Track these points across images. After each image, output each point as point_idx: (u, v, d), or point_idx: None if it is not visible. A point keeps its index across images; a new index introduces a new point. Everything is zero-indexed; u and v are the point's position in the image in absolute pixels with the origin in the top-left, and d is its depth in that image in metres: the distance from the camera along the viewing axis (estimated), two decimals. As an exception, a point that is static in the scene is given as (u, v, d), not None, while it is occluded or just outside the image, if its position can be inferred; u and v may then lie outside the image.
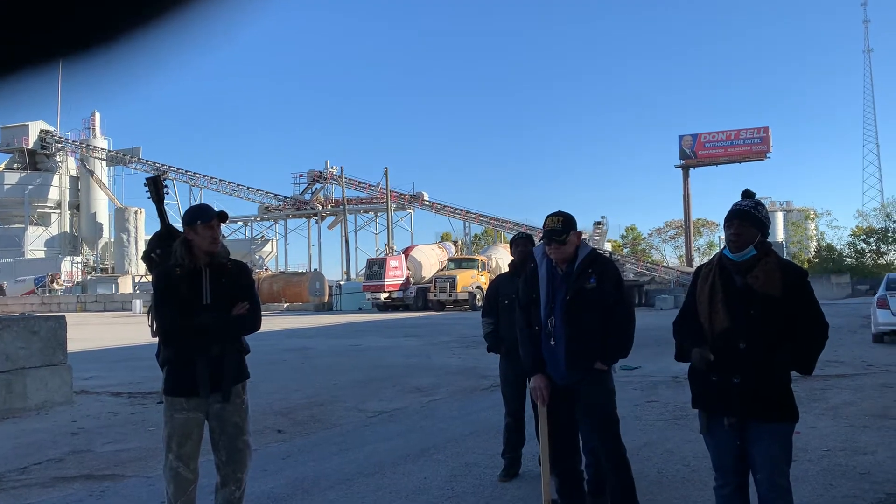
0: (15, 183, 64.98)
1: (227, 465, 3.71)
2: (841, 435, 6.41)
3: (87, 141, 66.10)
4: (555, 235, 3.87)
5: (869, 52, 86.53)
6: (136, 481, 5.42)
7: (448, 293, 37.45)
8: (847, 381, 9.69)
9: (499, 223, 56.15)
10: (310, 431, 7.22)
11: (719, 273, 3.20)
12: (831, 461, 5.49)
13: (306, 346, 17.46)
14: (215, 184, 62.53)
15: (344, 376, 11.45)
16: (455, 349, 15.78)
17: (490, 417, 7.13)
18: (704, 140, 51.27)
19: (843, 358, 12.11)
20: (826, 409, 7.61)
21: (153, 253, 5.07)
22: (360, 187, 60.27)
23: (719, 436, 3.21)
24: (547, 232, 3.89)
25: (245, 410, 3.78)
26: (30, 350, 8.48)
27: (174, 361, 3.65)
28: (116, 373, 12.18)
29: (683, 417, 6.85)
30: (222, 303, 3.64)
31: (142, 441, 6.76)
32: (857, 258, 54.86)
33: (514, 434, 5.37)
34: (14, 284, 55.62)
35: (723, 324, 3.13)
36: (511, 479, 5.21)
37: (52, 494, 5.10)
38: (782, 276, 3.09)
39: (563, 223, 3.90)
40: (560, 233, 3.87)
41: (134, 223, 61.24)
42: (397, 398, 9.18)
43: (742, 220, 3.12)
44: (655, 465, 5.46)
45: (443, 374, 11.56)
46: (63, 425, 7.68)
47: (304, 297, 45.09)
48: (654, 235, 73.83)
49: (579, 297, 3.87)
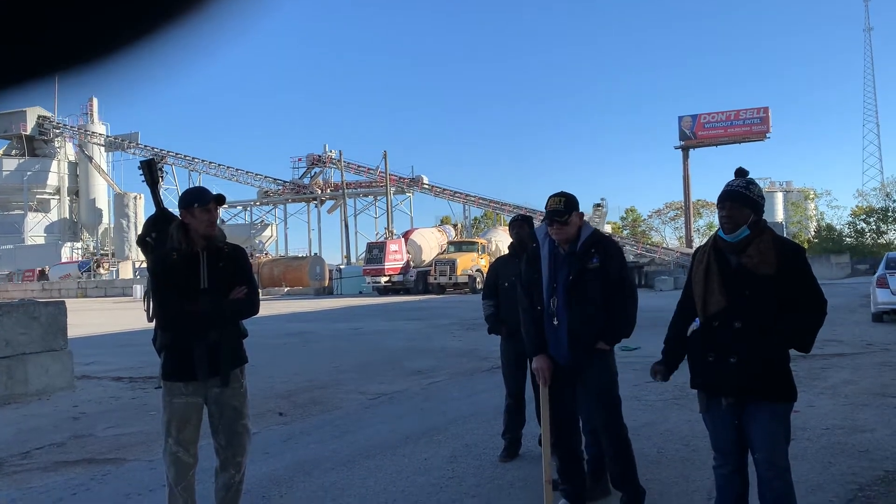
0: (13, 169, 64.89)
1: (227, 449, 3.71)
2: (840, 413, 6.43)
3: (86, 126, 65.88)
4: (556, 216, 3.84)
5: (869, 31, 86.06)
6: (138, 465, 5.43)
7: (448, 276, 37.46)
8: (846, 359, 9.71)
9: (498, 206, 56.06)
10: (311, 414, 7.24)
11: (714, 254, 3.19)
12: (830, 439, 5.51)
13: (307, 329, 17.49)
14: (214, 168, 62.38)
15: (344, 359, 11.48)
16: (455, 332, 15.81)
17: (490, 399, 7.15)
18: (704, 121, 51.04)
19: (842, 337, 12.13)
20: (825, 388, 7.62)
21: (148, 237, 5.05)
22: (360, 171, 60.09)
23: (718, 416, 3.21)
24: (549, 212, 3.87)
25: (244, 395, 3.77)
26: (30, 336, 8.49)
27: (172, 346, 3.64)
28: (117, 358, 12.20)
29: (683, 398, 6.87)
30: (220, 287, 3.61)
31: (143, 425, 6.78)
32: (857, 238, 54.81)
33: (514, 415, 5.38)
34: (57, 268, 55.70)
35: (718, 304, 3.12)
36: (511, 459, 5.24)
37: (54, 479, 5.12)
38: (777, 253, 3.07)
39: (565, 203, 3.88)
40: (562, 213, 3.85)
41: (133, 208, 61.14)
42: (398, 381, 9.20)
43: (734, 201, 3.11)
44: (655, 445, 5.47)
45: (443, 356, 11.58)
46: (64, 410, 7.71)
47: (304, 281, 45.12)
48: (654, 217, 73.91)
49: (582, 277, 3.85)
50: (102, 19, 0.96)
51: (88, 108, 66.10)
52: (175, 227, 3.65)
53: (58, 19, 0.93)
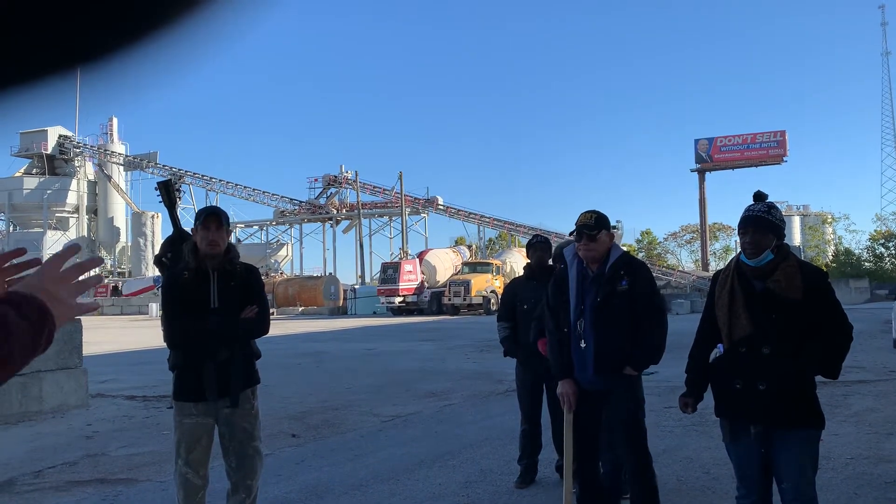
0: (34, 188, 65.70)
1: (237, 472, 3.66)
2: (864, 442, 6.28)
3: (105, 146, 66.70)
4: (586, 229, 3.78)
5: (887, 55, 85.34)
6: (150, 486, 5.39)
7: (462, 297, 37.37)
8: (869, 386, 9.52)
9: (513, 227, 56.02)
10: (324, 436, 7.17)
11: (738, 278, 3.13)
12: (856, 469, 5.37)
13: (321, 350, 17.45)
14: (231, 188, 62.85)
15: (358, 381, 11.41)
16: (470, 353, 15.70)
17: (506, 423, 7.05)
18: (721, 144, 50.93)
19: (864, 363, 11.92)
20: (849, 416, 7.47)
21: (164, 257, 5.05)
22: (375, 192, 60.38)
23: (744, 444, 3.12)
24: (579, 227, 3.81)
25: (255, 416, 3.72)
26: (46, 353, 8.49)
27: (183, 366, 3.61)
28: (132, 376, 12.21)
29: (702, 424, 6.74)
30: (231, 307, 3.59)
31: (156, 445, 6.75)
32: (876, 262, 54.21)
33: (530, 440, 5.29)
34: (130, 283, 56.02)
35: (745, 330, 3.06)
36: (527, 485, 5.14)
37: (66, 499, 5.09)
38: (803, 279, 3.02)
39: (596, 219, 3.83)
40: (592, 227, 3.79)
41: (151, 227, 61.69)
42: (412, 403, 9.12)
43: (757, 226, 3.06)
44: (675, 473, 5.36)
45: (458, 378, 11.49)
46: (78, 428, 7.69)
47: (318, 300, 45.19)
48: (670, 240, 73.43)
49: (610, 299, 3.77)
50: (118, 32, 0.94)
51: (108, 127, 67.00)
52: (187, 247, 3.64)
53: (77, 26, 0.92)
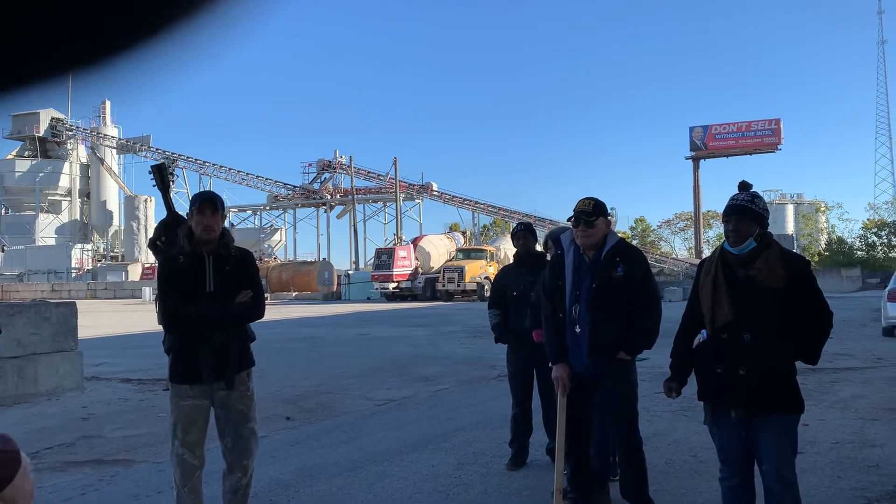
0: (26, 171, 65.33)
1: (233, 453, 3.72)
2: (850, 427, 6.39)
3: (98, 129, 66.27)
4: (584, 216, 3.84)
5: (883, 44, 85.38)
6: (146, 466, 5.46)
7: (456, 283, 37.46)
8: (857, 374, 9.65)
9: (507, 213, 56.06)
10: (318, 419, 7.25)
11: (722, 266, 3.20)
12: (840, 453, 5.48)
13: (315, 335, 17.51)
14: (225, 172, 62.64)
15: (352, 365, 11.49)
16: (463, 339, 15.80)
17: (497, 407, 7.14)
18: (715, 132, 50.96)
19: (852, 351, 12.06)
20: (835, 402, 7.58)
21: (158, 240, 5.09)
22: (369, 177, 60.26)
23: (725, 428, 3.21)
24: (577, 213, 3.87)
25: (251, 398, 3.78)
26: (41, 336, 8.54)
27: (178, 349, 3.66)
28: (126, 359, 12.26)
29: (691, 409, 6.83)
30: (226, 291, 3.63)
31: (151, 427, 6.81)
32: (868, 251, 54.47)
33: (521, 424, 5.38)
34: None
35: (727, 316, 3.14)
36: (518, 467, 5.23)
37: (63, 479, 5.15)
38: (785, 267, 3.10)
39: (593, 206, 3.89)
40: (590, 214, 3.85)
41: (144, 211, 61.44)
42: (405, 387, 9.21)
43: (739, 214, 3.14)
44: (663, 456, 5.46)
45: (450, 363, 11.58)
46: (74, 411, 7.75)
47: (312, 286, 45.20)
48: (664, 227, 73.69)
49: (605, 285, 3.84)
50: (114, 18, 0.97)
51: (101, 110, 66.51)
52: (182, 231, 3.68)
53: (70, 17, 0.94)
